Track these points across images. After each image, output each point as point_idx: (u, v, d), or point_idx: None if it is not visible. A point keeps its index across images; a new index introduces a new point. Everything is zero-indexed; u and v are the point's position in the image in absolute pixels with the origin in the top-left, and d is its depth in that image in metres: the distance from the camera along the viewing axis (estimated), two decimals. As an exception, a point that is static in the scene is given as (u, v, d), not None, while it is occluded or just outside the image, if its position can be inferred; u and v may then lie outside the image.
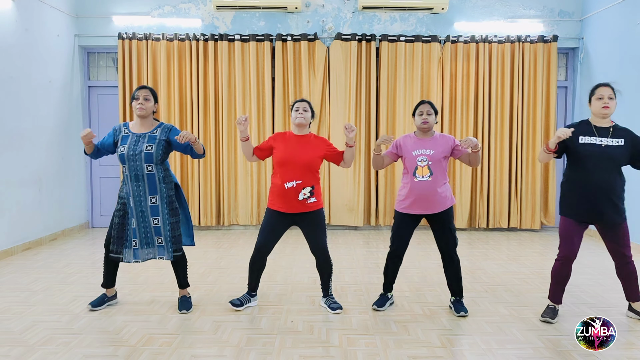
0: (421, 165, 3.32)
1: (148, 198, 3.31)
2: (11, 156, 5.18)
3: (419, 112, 3.39)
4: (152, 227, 3.33)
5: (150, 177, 3.30)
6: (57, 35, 6.06)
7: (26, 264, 4.80)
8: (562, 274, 3.26)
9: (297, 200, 3.32)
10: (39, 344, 2.91)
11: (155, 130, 3.37)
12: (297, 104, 3.44)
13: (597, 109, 3.15)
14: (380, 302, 3.53)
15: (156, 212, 3.32)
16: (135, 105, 3.33)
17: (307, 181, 3.33)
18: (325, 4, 6.52)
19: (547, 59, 6.49)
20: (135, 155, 3.26)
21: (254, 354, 2.77)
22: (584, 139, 3.13)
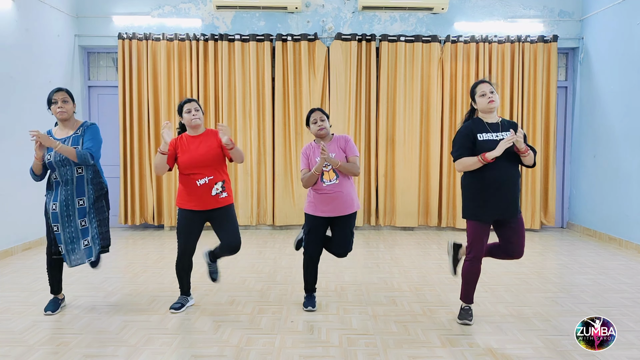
0: (326, 170, 3.37)
1: (76, 200, 3.29)
2: (11, 156, 5.18)
3: (312, 121, 3.42)
4: (80, 229, 3.31)
5: (79, 180, 3.29)
6: (57, 35, 6.06)
7: (26, 264, 4.80)
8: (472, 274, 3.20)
9: (211, 196, 3.34)
10: (40, 343, 2.91)
11: (79, 130, 3.34)
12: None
13: (483, 105, 3.11)
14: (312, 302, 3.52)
15: (83, 213, 3.31)
16: (55, 109, 3.30)
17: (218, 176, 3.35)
18: (325, 4, 6.52)
19: (547, 59, 6.49)
20: (63, 161, 3.23)
21: (254, 354, 2.77)
22: (482, 136, 3.09)
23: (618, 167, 5.77)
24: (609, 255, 5.21)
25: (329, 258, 5.04)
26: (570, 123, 6.87)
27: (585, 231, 6.43)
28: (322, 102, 6.54)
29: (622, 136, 5.73)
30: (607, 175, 5.98)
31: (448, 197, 6.61)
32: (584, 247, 5.70)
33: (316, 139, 3.51)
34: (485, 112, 3.16)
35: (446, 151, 6.55)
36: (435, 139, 6.50)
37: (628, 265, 4.84)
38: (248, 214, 6.58)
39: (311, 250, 3.51)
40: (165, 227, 6.65)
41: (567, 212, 6.92)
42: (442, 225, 6.64)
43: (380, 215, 6.62)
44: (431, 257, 5.07)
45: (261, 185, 6.61)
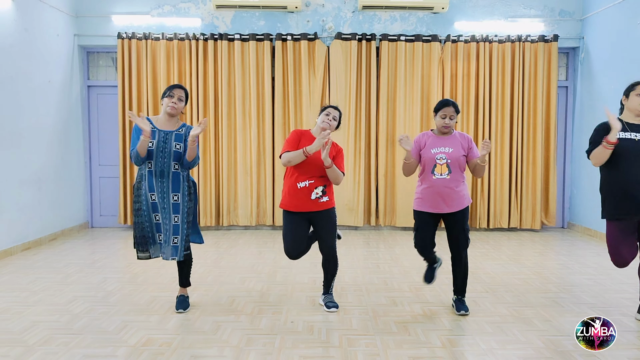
0: (440, 164, 3.32)
1: (171, 195, 3.31)
2: (11, 156, 5.18)
3: (441, 115, 3.34)
4: (172, 225, 3.32)
5: (175, 175, 3.32)
6: (57, 35, 6.05)
7: (26, 264, 4.79)
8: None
9: (310, 200, 3.34)
10: (39, 344, 2.90)
11: (181, 129, 3.38)
12: (329, 109, 3.47)
13: (634, 105, 3.08)
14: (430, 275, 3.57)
15: (177, 209, 3.32)
16: (168, 102, 3.31)
17: (319, 181, 3.36)
18: (325, 4, 6.52)
19: (547, 58, 6.48)
20: (164, 152, 3.27)
21: (254, 354, 2.77)
22: (620, 134, 3.06)
23: (618, 167, 5.76)
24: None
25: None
26: (571, 123, 6.86)
27: (585, 231, 6.43)
28: (322, 102, 6.53)
29: (622, 136, 5.71)
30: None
31: (448, 196, 6.60)
32: (584, 247, 5.70)
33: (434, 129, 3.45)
34: (633, 113, 3.12)
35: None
36: (436, 138, 6.49)
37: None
38: (248, 214, 6.57)
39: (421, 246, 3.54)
40: (165, 226, 6.64)
41: (567, 212, 6.91)
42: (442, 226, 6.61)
43: (381, 215, 6.61)
44: (431, 257, 5.06)
45: (261, 185, 6.60)
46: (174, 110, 3.32)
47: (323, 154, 3.20)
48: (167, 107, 3.32)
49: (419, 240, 3.50)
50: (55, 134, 5.95)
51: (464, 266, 3.46)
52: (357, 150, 6.52)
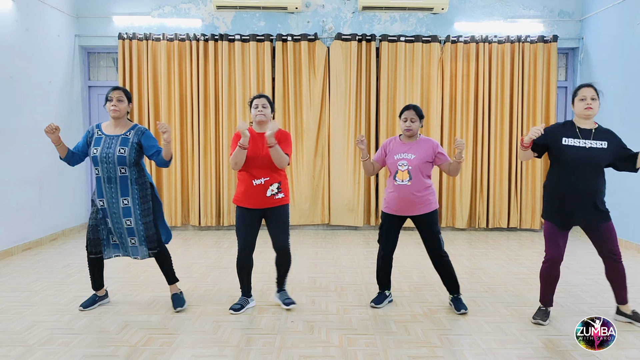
0: (401, 170, 3.37)
1: (120, 200, 3.33)
2: (11, 156, 5.18)
3: (403, 118, 3.41)
4: (125, 228, 3.37)
5: (123, 180, 3.32)
6: (57, 35, 6.06)
7: (26, 264, 4.80)
8: (552, 275, 3.25)
9: (265, 196, 3.37)
10: (39, 344, 2.91)
11: (129, 133, 3.37)
12: (255, 100, 3.42)
13: (580, 110, 3.13)
14: (378, 299, 3.57)
15: (128, 213, 3.35)
16: (108, 106, 3.34)
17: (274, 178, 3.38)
18: (325, 4, 6.52)
19: (547, 59, 6.49)
20: (108, 158, 3.28)
21: (254, 354, 2.77)
22: (567, 140, 3.10)
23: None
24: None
25: (329, 258, 5.04)
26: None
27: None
28: (322, 102, 6.54)
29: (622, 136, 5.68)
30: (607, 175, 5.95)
31: (448, 197, 6.61)
32: (584, 247, 5.70)
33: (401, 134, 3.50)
34: (580, 117, 3.16)
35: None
36: (435, 139, 6.49)
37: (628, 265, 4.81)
38: (248, 214, 6.57)
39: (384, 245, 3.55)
40: (165, 227, 6.64)
41: (567, 212, 6.91)
42: (442, 225, 6.64)
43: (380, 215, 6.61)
44: (431, 257, 5.07)
45: (261, 186, 6.60)
46: (116, 113, 3.34)
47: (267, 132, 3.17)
48: (110, 112, 3.34)
49: (383, 239, 3.54)
50: (55, 134, 5.95)
51: (446, 265, 3.49)
52: (357, 151, 6.52)
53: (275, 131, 3.20)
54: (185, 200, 6.61)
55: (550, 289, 3.28)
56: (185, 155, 6.56)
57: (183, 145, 6.54)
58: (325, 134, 6.55)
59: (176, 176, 6.50)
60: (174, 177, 6.51)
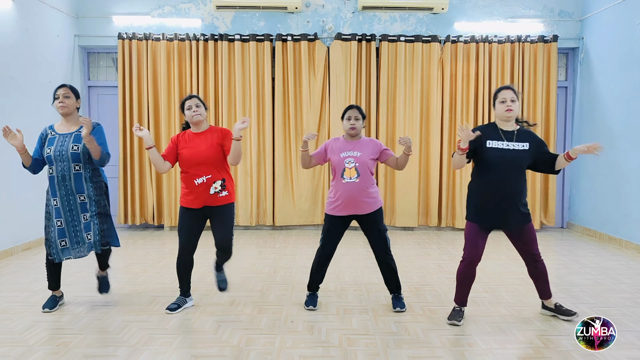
0: (349, 167, 3.37)
1: (77, 196, 3.33)
2: (11, 156, 5.18)
3: (347, 117, 3.43)
4: (82, 223, 3.35)
5: (77, 177, 3.32)
6: (57, 36, 6.06)
7: (27, 264, 4.80)
8: (468, 275, 3.24)
9: (209, 195, 3.36)
10: (39, 344, 2.91)
11: (81, 129, 3.35)
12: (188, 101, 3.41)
13: (501, 112, 3.15)
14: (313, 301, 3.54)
15: (85, 208, 3.35)
16: (56, 104, 3.34)
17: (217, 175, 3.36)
18: (325, 4, 6.52)
19: (547, 59, 6.49)
20: (62, 155, 3.28)
21: (254, 354, 2.77)
22: (491, 142, 3.13)
23: (618, 167, 5.77)
24: (609, 255, 5.21)
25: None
26: (570, 123, 6.87)
27: (585, 231, 6.43)
28: (322, 102, 6.54)
29: (622, 136, 5.73)
30: (607, 175, 5.98)
31: (448, 197, 6.61)
32: (584, 247, 5.70)
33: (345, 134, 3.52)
34: (501, 119, 3.18)
35: (446, 151, 6.54)
36: (435, 139, 6.50)
37: (628, 265, 4.84)
38: (248, 215, 6.58)
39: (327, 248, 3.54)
40: (165, 227, 6.65)
41: (567, 212, 6.92)
42: (442, 225, 6.64)
43: (380, 215, 6.61)
44: (431, 257, 5.07)
45: (261, 186, 6.61)
46: (64, 109, 3.34)
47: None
48: (58, 109, 3.34)
49: (327, 242, 3.51)
50: (55, 134, 5.95)
51: (390, 264, 3.50)
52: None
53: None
54: (185, 200, 6.60)
55: (465, 289, 3.28)
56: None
57: (183, 145, 6.53)
58: (325, 134, 6.55)
59: (176, 176, 6.50)
60: (174, 178, 6.50)
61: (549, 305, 3.38)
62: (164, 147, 6.48)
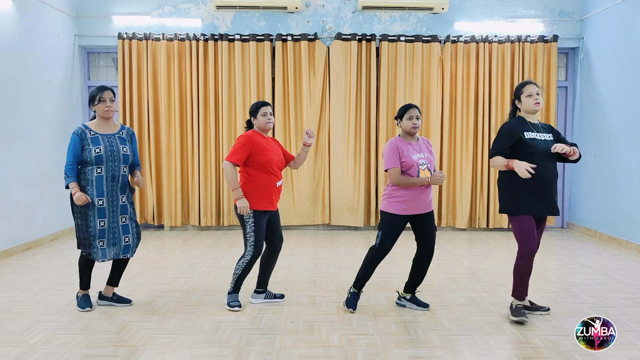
0: (422, 169, 3.37)
1: (119, 197, 3.39)
2: (11, 156, 5.18)
3: (408, 116, 3.38)
4: (121, 225, 3.41)
5: (124, 178, 3.42)
6: (57, 35, 6.06)
7: (26, 264, 4.80)
8: (528, 269, 3.26)
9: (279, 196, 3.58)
10: (39, 344, 2.91)
11: (121, 132, 3.45)
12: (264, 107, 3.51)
13: (530, 105, 3.24)
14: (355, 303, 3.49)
15: (125, 210, 3.42)
16: (102, 107, 3.34)
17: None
18: (325, 4, 6.52)
19: (547, 59, 6.49)
20: (114, 156, 3.32)
21: (254, 354, 2.77)
22: (528, 134, 3.21)
23: (618, 167, 5.77)
24: (609, 255, 5.21)
25: (329, 258, 5.04)
26: (571, 123, 6.87)
27: (585, 231, 6.43)
28: (322, 102, 6.54)
29: (622, 136, 5.73)
30: (607, 175, 5.98)
31: (448, 197, 6.61)
32: (584, 247, 5.70)
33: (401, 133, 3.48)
34: (529, 112, 3.27)
35: (446, 151, 6.54)
36: (435, 139, 6.50)
37: (628, 265, 4.84)
38: (248, 214, 6.57)
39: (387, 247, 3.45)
40: (165, 227, 6.65)
41: (567, 212, 6.92)
42: (442, 225, 6.64)
43: (380, 215, 6.61)
44: (431, 257, 5.06)
45: (261, 185, 6.60)
46: (111, 114, 3.39)
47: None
48: (104, 113, 3.34)
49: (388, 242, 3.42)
50: (55, 134, 5.95)
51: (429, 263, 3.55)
52: (357, 151, 6.52)
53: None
54: (185, 200, 6.61)
55: (526, 284, 3.31)
56: (185, 155, 6.56)
57: (183, 145, 6.54)
58: (325, 134, 6.55)
59: (176, 176, 6.50)
60: (174, 177, 6.50)
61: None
62: (163, 146, 6.48)
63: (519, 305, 3.29)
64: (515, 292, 3.32)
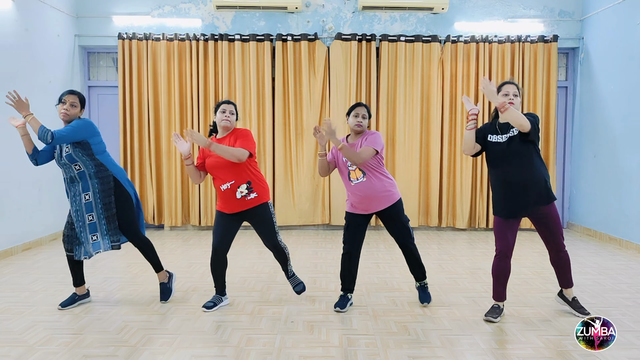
0: (352, 169, 3.36)
1: (82, 196, 3.39)
2: (11, 156, 5.18)
3: (354, 114, 3.41)
4: (87, 224, 3.40)
5: (82, 175, 3.39)
6: (57, 35, 6.06)
7: (26, 264, 4.80)
8: (501, 269, 3.29)
9: (236, 199, 3.37)
10: (39, 344, 2.91)
11: None
12: (223, 105, 3.46)
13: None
14: (341, 303, 3.50)
15: (90, 208, 3.40)
16: (60, 108, 3.35)
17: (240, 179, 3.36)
18: (325, 4, 6.52)
19: (547, 59, 6.49)
20: (61, 159, 3.36)
21: (254, 354, 2.77)
22: (492, 137, 3.24)
23: (618, 167, 5.76)
24: (609, 255, 5.21)
25: (329, 258, 5.04)
26: (571, 123, 6.87)
27: (585, 231, 6.43)
28: (322, 102, 6.54)
29: (622, 136, 5.73)
30: (607, 175, 5.98)
31: (448, 197, 6.61)
32: (584, 247, 5.70)
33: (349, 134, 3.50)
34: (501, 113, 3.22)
35: (446, 151, 6.54)
36: (436, 139, 6.50)
37: (628, 265, 4.84)
38: (248, 214, 6.57)
39: (349, 245, 3.51)
40: (165, 227, 6.65)
41: (567, 212, 6.92)
42: (442, 225, 6.64)
43: (380, 215, 6.61)
44: (431, 257, 5.07)
45: (261, 185, 6.60)
46: (66, 117, 3.38)
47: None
48: (60, 114, 3.37)
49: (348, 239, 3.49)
50: (55, 134, 5.95)
51: (415, 255, 3.54)
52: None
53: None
54: (185, 200, 6.61)
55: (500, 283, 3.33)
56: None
57: (183, 145, 6.54)
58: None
59: (176, 176, 6.50)
60: (174, 177, 6.51)
61: (566, 296, 3.41)
62: (163, 146, 6.49)
63: (494, 305, 3.33)
64: (493, 292, 3.36)
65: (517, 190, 3.16)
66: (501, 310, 3.32)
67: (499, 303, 3.34)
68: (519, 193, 3.16)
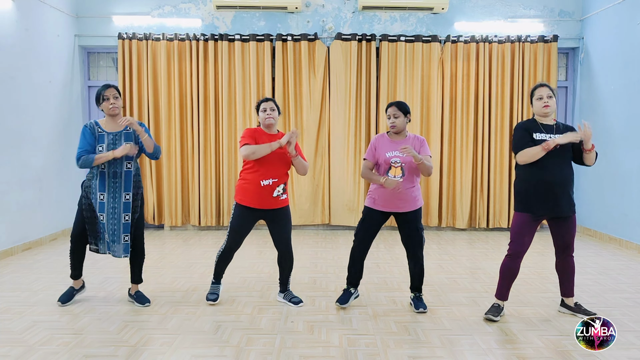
0: (395, 166, 3.38)
1: (122, 195, 3.40)
2: (11, 156, 5.18)
3: (387, 115, 3.45)
4: (122, 223, 3.41)
5: (128, 175, 3.41)
6: (57, 35, 6.06)
7: (26, 264, 4.80)
8: (511, 269, 3.31)
9: (272, 197, 3.40)
10: (39, 344, 2.91)
11: (128, 128, 3.44)
12: (263, 103, 3.47)
13: (538, 108, 3.28)
14: (343, 298, 3.53)
15: (127, 208, 3.42)
16: (107, 105, 3.38)
17: (282, 179, 3.44)
18: (325, 4, 6.52)
19: (547, 59, 6.48)
20: None
21: (254, 354, 2.77)
22: (537, 135, 3.23)
23: (618, 167, 5.76)
24: (609, 255, 5.22)
25: (329, 258, 5.04)
26: (571, 123, 6.86)
27: (585, 231, 6.43)
28: (322, 102, 6.54)
29: (622, 136, 5.73)
30: (607, 175, 5.98)
31: (448, 197, 6.61)
32: (584, 247, 5.70)
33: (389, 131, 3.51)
34: (539, 115, 3.29)
35: (446, 151, 6.54)
36: (436, 139, 6.50)
37: (628, 265, 4.84)
38: (248, 214, 6.57)
39: (361, 239, 3.52)
40: (165, 227, 6.65)
41: (567, 212, 6.91)
42: (442, 225, 6.64)
43: (380, 215, 6.61)
44: (431, 257, 5.06)
45: (261, 185, 6.60)
46: (116, 111, 3.40)
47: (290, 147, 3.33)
48: (109, 110, 3.38)
49: (363, 234, 3.52)
50: (55, 134, 5.95)
51: (420, 265, 3.52)
52: (357, 151, 6.52)
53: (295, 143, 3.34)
54: (185, 200, 6.61)
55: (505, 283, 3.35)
56: (185, 155, 6.56)
57: (183, 145, 6.54)
58: (326, 134, 6.55)
59: (176, 176, 6.50)
60: (174, 177, 6.50)
61: (568, 304, 3.41)
62: (163, 146, 6.48)
63: (495, 304, 3.35)
64: (497, 290, 3.37)
65: (557, 191, 3.17)
66: (502, 309, 3.33)
67: (500, 302, 3.35)
68: (558, 193, 3.17)
